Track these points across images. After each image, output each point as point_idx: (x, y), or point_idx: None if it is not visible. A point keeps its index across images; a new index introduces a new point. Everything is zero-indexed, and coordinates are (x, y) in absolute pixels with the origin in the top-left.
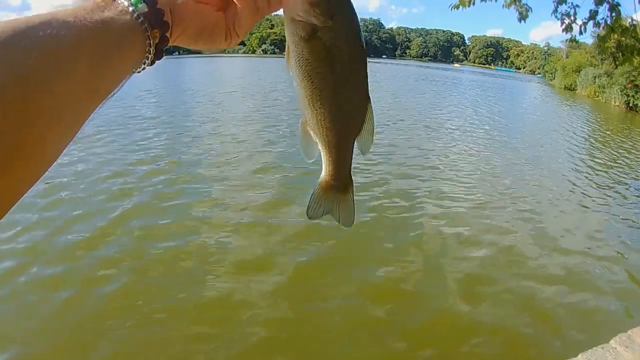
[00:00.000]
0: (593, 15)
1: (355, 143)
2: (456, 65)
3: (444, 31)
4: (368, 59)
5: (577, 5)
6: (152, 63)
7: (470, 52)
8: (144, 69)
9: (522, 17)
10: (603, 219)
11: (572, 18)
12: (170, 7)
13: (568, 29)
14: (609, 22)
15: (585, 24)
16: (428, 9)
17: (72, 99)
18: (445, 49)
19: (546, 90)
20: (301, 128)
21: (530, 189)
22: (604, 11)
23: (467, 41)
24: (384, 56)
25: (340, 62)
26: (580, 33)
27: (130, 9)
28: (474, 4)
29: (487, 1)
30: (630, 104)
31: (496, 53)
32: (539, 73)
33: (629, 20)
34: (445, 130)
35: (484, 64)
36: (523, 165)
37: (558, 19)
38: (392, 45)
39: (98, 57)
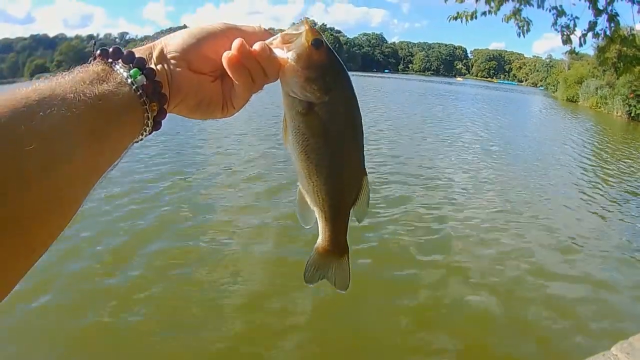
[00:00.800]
0: (592, 26)
1: (351, 211)
2: (459, 78)
3: (446, 45)
4: (371, 74)
5: (577, 17)
6: (150, 133)
7: (473, 65)
8: (141, 139)
9: (522, 32)
10: (605, 225)
11: (572, 30)
12: (167, 79)
13: (568, 41)
14: (608, 32)
15: (584, 35)
16: (430, 23)
17: (73, 181)
18: (448, 63)
19: (549, 103)
20: (299, 196)
21: (543, 202)
22: (602, 22)
23: (469, 55)
24: (386, 71)
25: (337, 136)
26: (580, 45)
27: (129, 80)
28: (475, 17)
29: (488, 15)
30: (632, 114)
31: (498, 66)
32: (541, 85)
33: (628, 30)
34: (453, 144)
35: (486, 77)
36: (533, 177)
37: (558, 32)
38: (394, 59)
39: (97, 135)
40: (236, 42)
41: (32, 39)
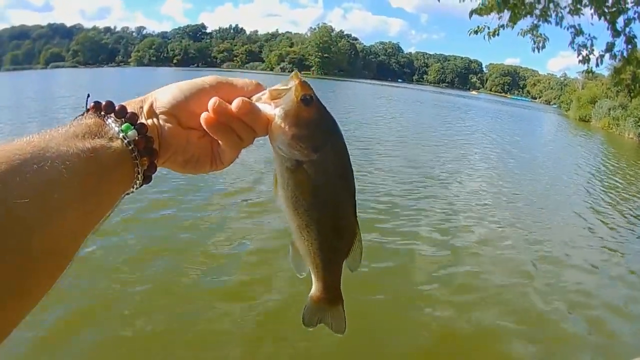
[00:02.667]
0: (610, 47)
1: (345, 262)
2: (473, 92)
3: (462, 58)
4: (385, 82)
5: (594, 37)
6: (141, 186)
7: (487, 79)
8: (132, 192)
9: (538, 47)
10: (622, 244)
11: (590, 49)
12: (158, 133)
13: (585, 60)
14: (625, 54)
15: (602, 56)
16: (448, 35)
17: (66, 233)
18: (463, 76)
19: (561, 121)
20: (292, 247)
21: (552, 224)
22: (620, 43)
23: (484, 69)
24: (399, 80)
25: (326, 191)
26: (597, 65)
27: (121, 135)
28: (498, 34)
29: (505, 29)
30: None
31: (513, 82)
32: (555, 103)
33: None
34: (467, 159)
35: (500, 92)
36: (545, 198)
37: (575, 50)
38: (409, 69)
39: (90, 188)
40: (210, 102)
41: (49, 28)
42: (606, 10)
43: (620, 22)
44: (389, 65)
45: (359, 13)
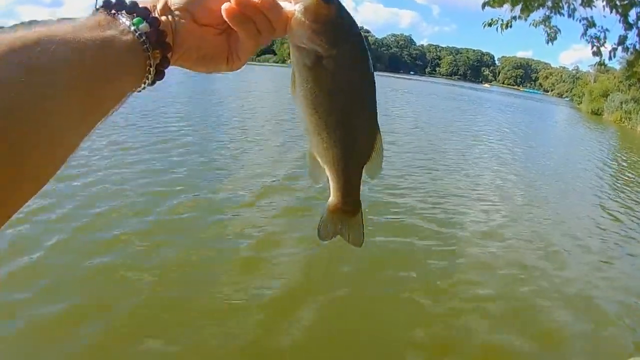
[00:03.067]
0: (622, 40)
1: (365, 169)
2: (486, 85)
3: (474, 50)
4: (397, 75)
5: (607, 29)
6: (153, 83)
7: (500, 72)
8: (144, 88)
9: (551, 39)
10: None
11: (602, 41)
12: (171, 29)
13: (598, 52)
14: (637, 47)
15: (615, 49)
16: (460, 27)
17: (71, 119)
18: (475, 69)
19: (574, 115)
20: (309, 154)
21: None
22: (632, 36)
23: (496, 61)
24: (411, 72)
25: (346, 91)
26: (610, 58)
27: (132, 28)
28: (511, 26)
29: (517, 20)
30: None
31: (525, 74)
32: (567, 96)
33: None
34: (480, 151)
35: (512, 85)
36: (556, 192)
37: (588, 42)
38: (422, 62)
39: (97, 76)
40: None
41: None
42: (618, 3)
43: (632, 15)
44: (401, 58)
45: (371, 5)
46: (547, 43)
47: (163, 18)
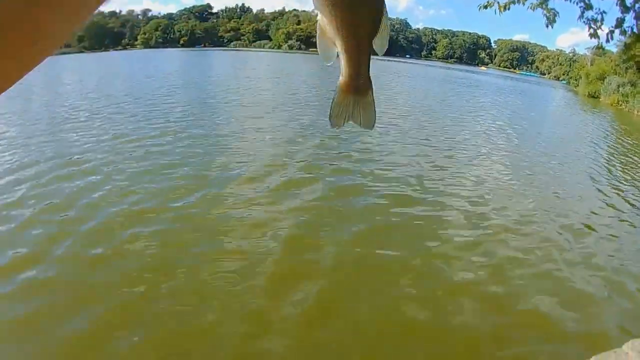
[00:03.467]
0: (619, 23)
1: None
2: (482, 68)
3: (470, 33)
4: (393, 58)
5: (604, 12)
6: None
7: (496, 55)
8: None
9: (550, 22)
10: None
11: (599, 24)
12: None
13: (595, 35)
14: (635, 30)
15: (612, 32)
16: (456, 11)
17: None
18: (471, 52)
19: (571, 97)
20: (319, 30)
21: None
22: (630, 19)
23: (493, 44)
24: (407, 56)
25: None
26: (607, 40)
27: None
28: (509, 9)
29: (516, 4)
30: None
31: (521, 57)
32: (564, 79)
33: None
34: (480, 135)
35: (508, 68)
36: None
37: (585, 24)
38: (418, 45)
39: None
40: None
41: None
42: None
43: None
44: (397, 42)
45: None
46: (547, 26)
47: None
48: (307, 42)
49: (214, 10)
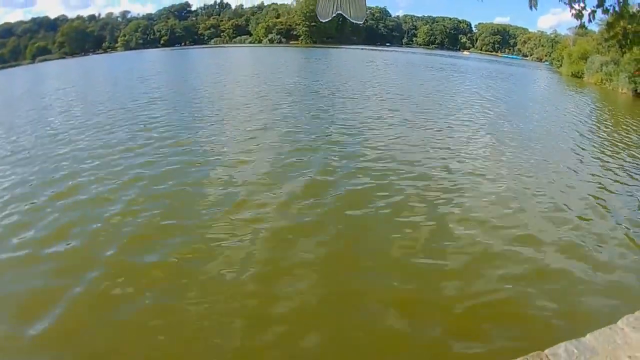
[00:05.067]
0: (601, 2)
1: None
2: (465, 52)
3: (450, 19)
4: (374, 47)
5: None
6: None
7: (477, 39)
8: None
9: (533, 4)
10: (617, 199)
11: (582, 5)
12: None
13: (578, 15)
14: (617, 8)
15: (594, 11)
16: None
17: None
18: (452, 37)
19: (554, 78)
20: None
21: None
22: None
23: (474, 29)
24: (388, 44)
25: None
26: (590, 20)
27: None
28: None
29: None
30: (638, 91)
31: (503, 40)
32: (546, 60)
33: (636, 7)
34: (465, 118)
35: (491, 52)
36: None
37: (566, 4)
38: (398, 33)
39: None
40: None
41: (33, 22)
42: None
43: None
44: (377, 30)
45: None
46: (531, 9)
47: None
48: (288, 34)
49: (193, 8)
